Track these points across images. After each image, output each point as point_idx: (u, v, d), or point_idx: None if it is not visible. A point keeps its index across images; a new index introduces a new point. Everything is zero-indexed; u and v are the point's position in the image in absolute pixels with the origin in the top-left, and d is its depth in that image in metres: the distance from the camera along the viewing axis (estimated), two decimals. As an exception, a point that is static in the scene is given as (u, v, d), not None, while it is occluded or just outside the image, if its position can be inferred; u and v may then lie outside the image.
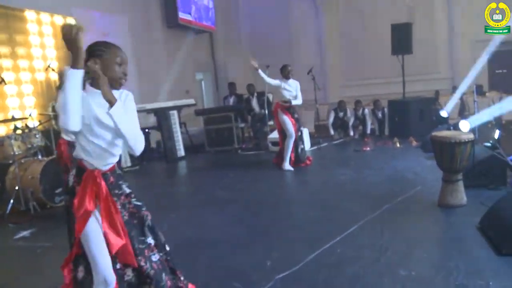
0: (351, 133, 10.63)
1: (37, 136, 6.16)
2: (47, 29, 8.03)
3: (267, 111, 9.07)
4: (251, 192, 6.12)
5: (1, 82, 6.13)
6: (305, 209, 5.13)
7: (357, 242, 3.86)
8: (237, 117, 9.83)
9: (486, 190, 5.02)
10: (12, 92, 7.17)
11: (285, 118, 7.07)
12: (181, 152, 9.30)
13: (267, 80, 7.01)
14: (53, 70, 7.20)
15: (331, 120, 10.77)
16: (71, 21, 8.51)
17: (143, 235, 2.39)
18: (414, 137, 9.01)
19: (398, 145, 8.81)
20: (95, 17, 9.34)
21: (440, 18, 15.08)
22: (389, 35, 10.50)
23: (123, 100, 2.28)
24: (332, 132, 10.73)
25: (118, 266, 2.31)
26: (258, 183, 6.63)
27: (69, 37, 1.99)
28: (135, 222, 2.36)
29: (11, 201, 5.72)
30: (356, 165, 7.33)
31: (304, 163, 7.34)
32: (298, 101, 7.17)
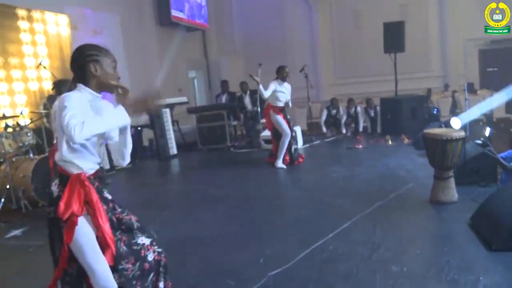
0: (344, 131, 10.67)
1: (29, 134, 6.11)
2: (39, 27, 7.97)
3: (259, 109, 9.07)
4: (243, 190, 6.13)
5: None
6: (297, 207, 5.15)
7: (350, 239, 3.87)
8: (230, 115, 9.82)
9: (477, 187, 5.08)
10: (2, 89, 7.11)
11: (279, 118, 7.06)
12: (174, 150, 9.28)
13: (264, 94, 6.96)
14: (44, 67, 7.15)
15: (324, 118, 10.80)
16: (63, 18, 8.46)
17: (134, 238, 2.31)
18: (406, 134, 9.05)
19: (390, 142, 8.85)
20: (87, 14, 9.29)
21: (432, 16, 15.17)
22: (382, 34, 10.55)
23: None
24: (324, 129, 10.76)
25: None
26: (250, 181, 6.63)
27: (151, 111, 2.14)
28: (123, 227, 2.29)
29: (2, 200, 5.65)
30: (348, 162, 7.36)
31: (296, 161, 7.35)
32: (289, 104, 7.28)
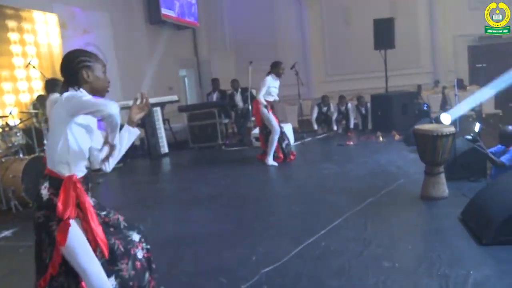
0: (335, 128, 10.69)
1: (18, 134, 6.07)
2: (27, 26, 7.89)
3: (250, 107, 9.07)
4: (235, 188, 6.12)
5: None
6: (289, 204, 5.15)
7: (341, 235, 3.89)
8: (221, 113, 9.80)
9: (467, 182, 5.12)
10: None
11: (269, 114, 7.07)
12: (165, 149, 9.24)
13: (261, 95, 7.01)
14: (33, 67, 7.09)
15: (315, 115, 10.80)
16: (52, 17, 8.39)
17: (128, 236, 2.33)
18: (397, 131, 9.08)
19: (381, 139, 8.88)
20: (76, 13, 9.22)
21: (421, 13, 15.26)
22: (372, 30, 10.57)
23: None
24: (315, 127, 10.76)
25: None
26: (242, 179, 6.63)
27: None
28: (111, 230, 2.29)
29: (-8, 201, 5.63)
30: (339, 159, 7.37)
31: (288, 158, 7.35)
32: (277, 99, 7.35)
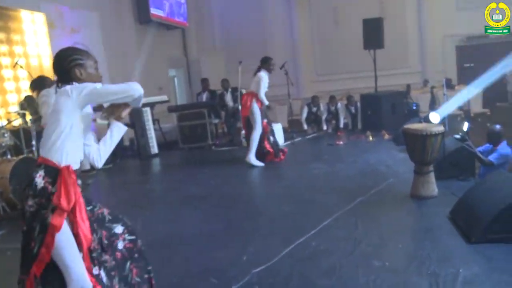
0: (325, 128, 10.71)
1: (6, 135, 5.99)
2: (14, 25, 7.80)
3: (240, 106, 9.04)
4: (225, 188, 6.10)
5: None
6: (279, 204, 5.14)
7: (332, 235, 3.89)
8: (211, 113, 9.77)
9: (456, 181, 5.16)
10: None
11: (258, 109, 7.05)
12: (155, 149, 9.19)
13: (265, 99, 7.08)
14: (21, 67, 7.02)
15: (305, 115, 10.82)
16: (40, 16, 8.31)
17: (111, 229, 2.33)
18: (386, 130, 9.12)
19: (370, 138, 8.92)
20: (64, 12, 9.14)
21: (410, 13, 15.33)
22: (361, 30, 10.61)
23: None
24: (305, 126, 10.78)
25: None
26: (232, 178, 6.62)
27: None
28: (95, 225, 2.28)
29: (-20, 203, 5.56)
30: (329, 159, 7.39)
31: (278, 158, 7.35)
32: None
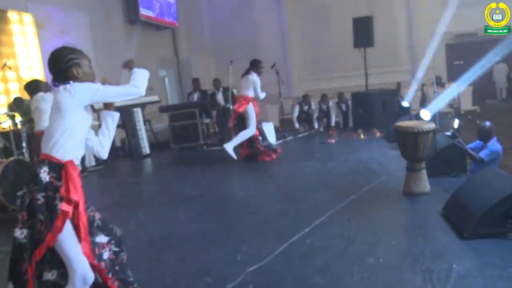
0: (316, 126, 10.74)
1: (-5, 137, 5.96)
2: (2, 26, 7.72)
3: (231, 106, 9.04)
4: (218, 187, 6.10)
5: None
6: (272, 202, 5.14)
7: (325, 233, 3.90)
8: (202, 113, 9.75)
9: (448, 177, 5.17)
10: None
11: (255, 112, 7.08)
12: (146, 149, 9.16)
13: (261, 94, 7.21)
14: (9, 68, 6.96)
15: (296, 114, 10.83)
16: (27, 17, 8.24)
17: (91, 235, 2.34)
18: (377, 128, 9.16)
19: (362, 136, 8.94)
20: (52, 13, 9.06)
21: (399, 11, 15.38)
22: (351, 29, 10.64)
23: None
24: (297, 125, 10.80)
25: None
26: (224, 178, 6.61)
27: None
28: None
29: (-31, 205, 5.49)
30: (321, 157, 7.40)
31: (270, 157, 7.35)
32: None
